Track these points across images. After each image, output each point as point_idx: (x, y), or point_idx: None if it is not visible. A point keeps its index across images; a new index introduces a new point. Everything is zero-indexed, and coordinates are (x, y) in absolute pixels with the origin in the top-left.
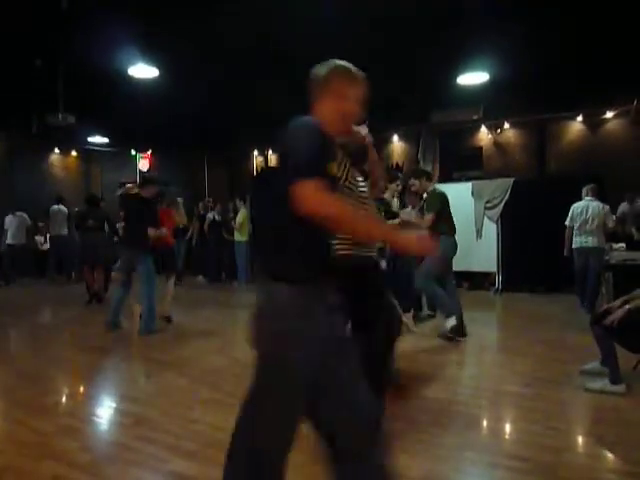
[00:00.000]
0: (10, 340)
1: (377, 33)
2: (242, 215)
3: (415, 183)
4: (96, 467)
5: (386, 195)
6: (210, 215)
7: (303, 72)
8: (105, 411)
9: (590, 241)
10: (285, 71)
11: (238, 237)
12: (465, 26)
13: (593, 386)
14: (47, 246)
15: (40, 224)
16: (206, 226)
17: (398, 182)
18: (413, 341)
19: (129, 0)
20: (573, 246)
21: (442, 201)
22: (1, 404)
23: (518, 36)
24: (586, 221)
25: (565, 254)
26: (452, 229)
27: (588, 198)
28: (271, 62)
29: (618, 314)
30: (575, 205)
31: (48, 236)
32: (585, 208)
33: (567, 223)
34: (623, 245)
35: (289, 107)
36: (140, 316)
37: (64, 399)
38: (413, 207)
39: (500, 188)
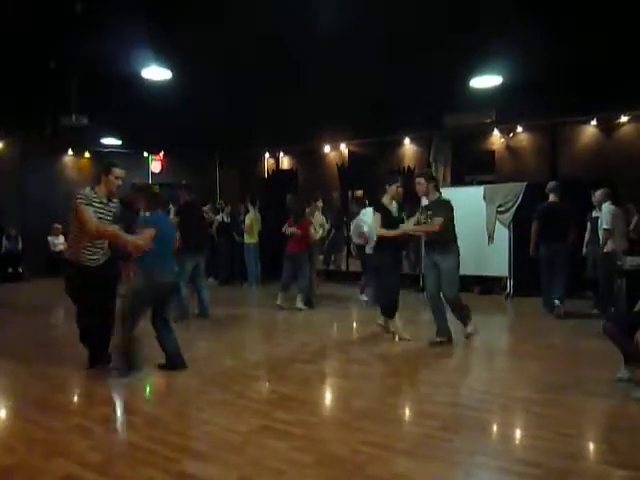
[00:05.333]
0: (23, 339)
1: (389, 36)
2: (250, 217)
3: (422, 183)
4: (107, 466)
5: (384, 199)
6: (219, 217)
7: (315, 75)
8: (116, 410)
9: (623, 244)
10: (297, 74)
11: (247, 239)
12: (478, 28)
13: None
14: (60, 247)
15: (57, 225)
16: (214, 228)
17: (398, 184)
18: (423, 346)
19: (142, 3)
20: (612, 249)
21: (451, 209)
22: (13, 402)
23: (532, 39)
24: (619, 225)
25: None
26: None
27: (609, 202)
28: (283, 65)
29: None
30: (614, 208)
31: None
32: (618, 212)
33: (609, 227)
34: None
35: (300, 109)
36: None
37: (75, 398)
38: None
39: (512, 192)
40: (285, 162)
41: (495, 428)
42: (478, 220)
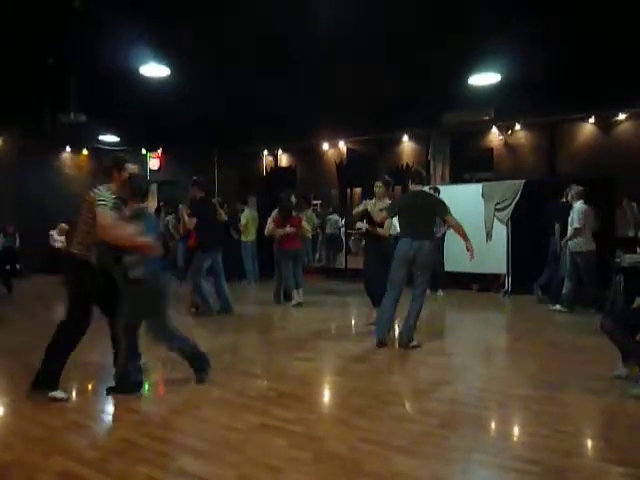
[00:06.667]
0: (21, 335)
1: (389, 34)
2: (246, 216)
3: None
4: (104, 463)
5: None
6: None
7: (316, 73)
8: (114, 408)
9: (591, 244)
10: (297, 71)
11: (244, 237)
12: (477, 26)
13: (637, 392)
14: (59, 244)
15: (64, 225)
16: None
17: (378, 184)
18: (421, 343)
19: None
20: (590, 248)
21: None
22: (10, 399)
23: (530, 36)
24: (591, 223)
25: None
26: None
27: (581, 201)
28: (284, 62)
29: None
30: (586, 207)
31: None
32: (589, 211)
33: (579, 225)
34: None
35: (300, 107)
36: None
37: (73, 395)
38: None
39: (510, 190)
40: (284, 159)
41: (493, 425)
42: (476, 217)
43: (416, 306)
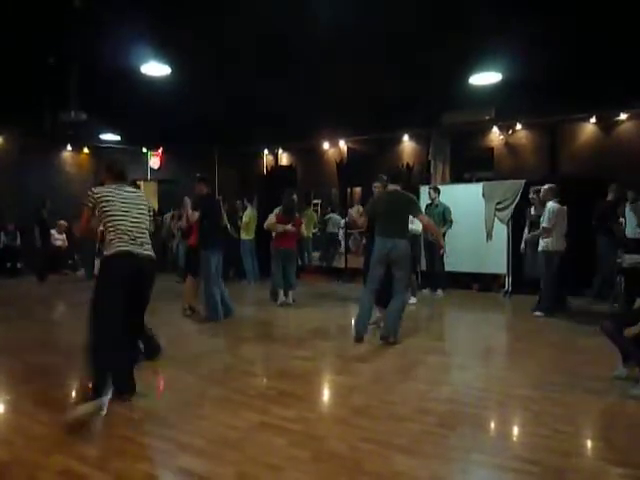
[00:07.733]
0: (21, 333)
1: (389, 34)
2: (248, 215)
3: (377, 185)
4: (104, 461)
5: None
6: None
7: (316, 73)
8: (113, 406)
9: (562, 244)
10: (297, 71)
11: (244, 236)
12: (477, 26)
13: (637, 392)
14: (59, 242)
15: (62, 222)
16: None
17: (377, 184)
18: (421, 343)
19: None
20: (558, 248)
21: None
22: (11, 397)
23: (531, 36)
24: (561, 224)
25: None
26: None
27: (555, 200)
28: (284, 62)
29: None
30: (558, 207)
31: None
32: (561, 211)
33: (548, 225)
34: None
35: (301, 107)
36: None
37: (73, 393)
38: None
39: (511, 190)
40: (284, 158)
41: (493, 425)
42: (477, 217)
43: (396, 303)
